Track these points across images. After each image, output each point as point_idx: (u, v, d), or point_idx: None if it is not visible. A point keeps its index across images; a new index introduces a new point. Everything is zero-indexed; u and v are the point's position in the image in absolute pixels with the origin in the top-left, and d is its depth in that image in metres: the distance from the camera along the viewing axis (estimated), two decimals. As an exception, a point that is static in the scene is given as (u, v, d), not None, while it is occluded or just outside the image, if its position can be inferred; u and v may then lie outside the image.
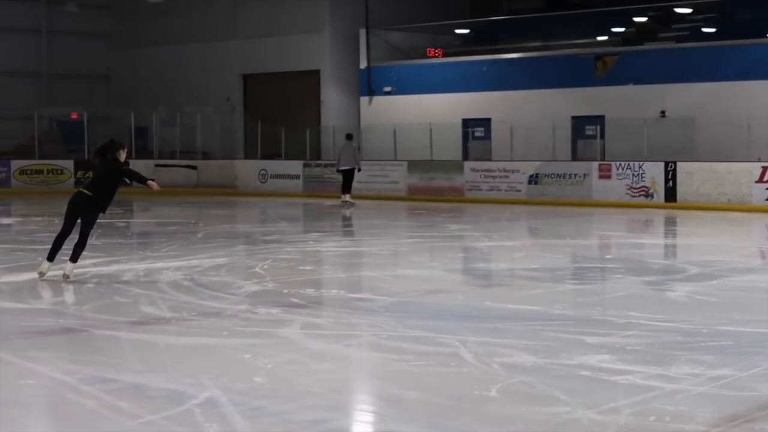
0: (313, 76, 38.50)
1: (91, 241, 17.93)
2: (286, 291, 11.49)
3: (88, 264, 13.54)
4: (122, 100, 41.71)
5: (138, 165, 36.40)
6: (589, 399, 6.55)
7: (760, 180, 26.47)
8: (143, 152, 38.00)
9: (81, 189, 12.16)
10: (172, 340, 8.75)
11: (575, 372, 7.38)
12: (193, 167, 37.16)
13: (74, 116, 38.95)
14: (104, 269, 13.41)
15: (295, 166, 35.48)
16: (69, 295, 11.24)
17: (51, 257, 12.10)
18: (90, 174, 12.57)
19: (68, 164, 35.65)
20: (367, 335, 9.08)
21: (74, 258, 12.09)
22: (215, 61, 40.69)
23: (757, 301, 11.48)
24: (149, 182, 12.54)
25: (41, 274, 12.03)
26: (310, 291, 11.74)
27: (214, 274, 12.84)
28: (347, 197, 29.39)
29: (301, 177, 35.14)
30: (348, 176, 29.66)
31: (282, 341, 8.60)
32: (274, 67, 39.31)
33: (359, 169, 29.97)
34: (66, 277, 11.95)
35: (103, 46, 43.82)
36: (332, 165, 32.24)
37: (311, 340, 8.61)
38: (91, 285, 11.96)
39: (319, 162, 35.35)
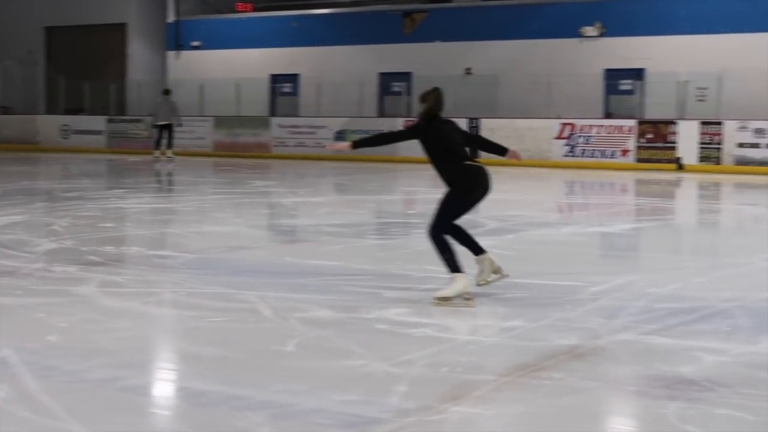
0: (120, 29, 37.74)
1: None
2: (84, 248, 11.28)
3: None
4: None
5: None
6: (385, 352, 6.64)
7: (559, 137, 27.24)
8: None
9: (476, 161, 8.55)
10: (-37, 300, 8.49)
11: (372, 326, 7.48)
12: (-8, 122, 36.04)
13: None
14: None
15: (98, 122, 34.78)
16: None
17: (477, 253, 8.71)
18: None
19: None
20: (166, 292, 8.98)
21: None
22: (17, 12, 39.40)
23: (551, 254, 11.82)
24: (511, 152, 8.94)
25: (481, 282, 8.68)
26: (109, 248, 11.53)
27: (9, 232, 12.48)
28: (169, 153, 29.14)
29: (105, 133, 34.47)
30: (166, 131, 29.40)
31: (78, 299, 8.43)
32: (79, 20, 38.37)
33: (180, 124, 29.74)
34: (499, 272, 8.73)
35: None
36: (137, 121, 31.76)
37: (108, 298, 8.46)
38: None
39: (123, 117, 34.73)
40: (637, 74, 29.56)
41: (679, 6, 29.27)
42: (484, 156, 9.37)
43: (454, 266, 8.37)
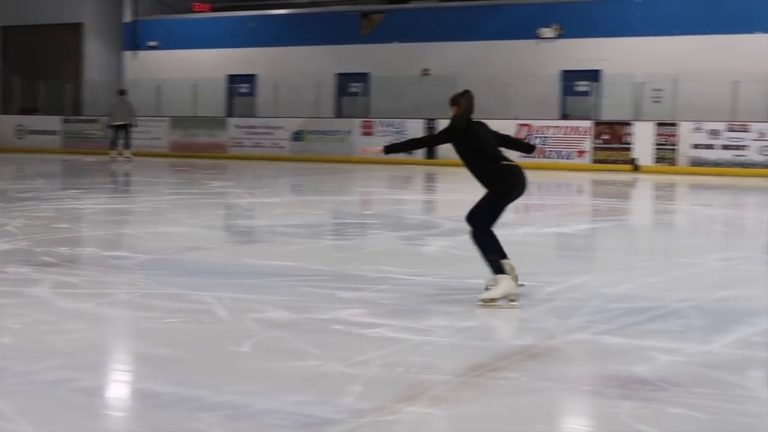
0: (76, 29, 37.50)
1: None
2: (38, 249, 11.18)
3: None
4: None
5: None
6: (340, 352, 6.63)
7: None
8: None
9: (511, 162, 8.84)
10: None
11: (328, 326, 7.46)
12: (-55, 122, 35.72)
13: None
14: None
15: (53, 122, 34.54)
16: None
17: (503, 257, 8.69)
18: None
19: None
20: (120, 293, 8.92)
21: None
22: (-30, 12, 39.10)
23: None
24: (539, 148, 9.48)
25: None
26: (63, 249, 11.45)
27: (-38, 233, 12.39)
28: (127, 153, 29.05)
29: (61, 133, 34.24)
30: (122, 132, 29.28)
31: (31, 301, 8.35)
32: (35, 20, 38.08)
33: (136, 125, 29.65)
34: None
35: None
36: (93, 121, 31.56)
37: (62, 300, 8.39)
38: None
39: (79, 117, 34.50)
40: (594, 76, 29.73)
41: (635, 8, 29.46)
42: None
43: (498, 268, 8.31)
